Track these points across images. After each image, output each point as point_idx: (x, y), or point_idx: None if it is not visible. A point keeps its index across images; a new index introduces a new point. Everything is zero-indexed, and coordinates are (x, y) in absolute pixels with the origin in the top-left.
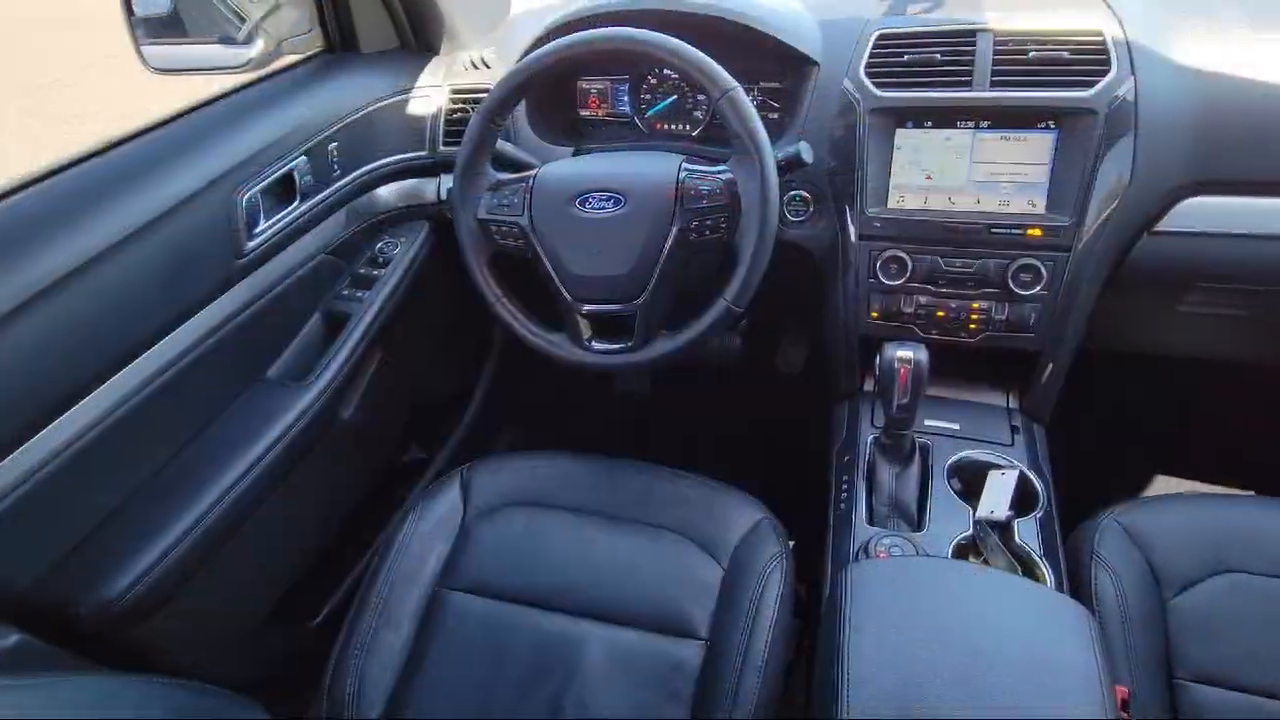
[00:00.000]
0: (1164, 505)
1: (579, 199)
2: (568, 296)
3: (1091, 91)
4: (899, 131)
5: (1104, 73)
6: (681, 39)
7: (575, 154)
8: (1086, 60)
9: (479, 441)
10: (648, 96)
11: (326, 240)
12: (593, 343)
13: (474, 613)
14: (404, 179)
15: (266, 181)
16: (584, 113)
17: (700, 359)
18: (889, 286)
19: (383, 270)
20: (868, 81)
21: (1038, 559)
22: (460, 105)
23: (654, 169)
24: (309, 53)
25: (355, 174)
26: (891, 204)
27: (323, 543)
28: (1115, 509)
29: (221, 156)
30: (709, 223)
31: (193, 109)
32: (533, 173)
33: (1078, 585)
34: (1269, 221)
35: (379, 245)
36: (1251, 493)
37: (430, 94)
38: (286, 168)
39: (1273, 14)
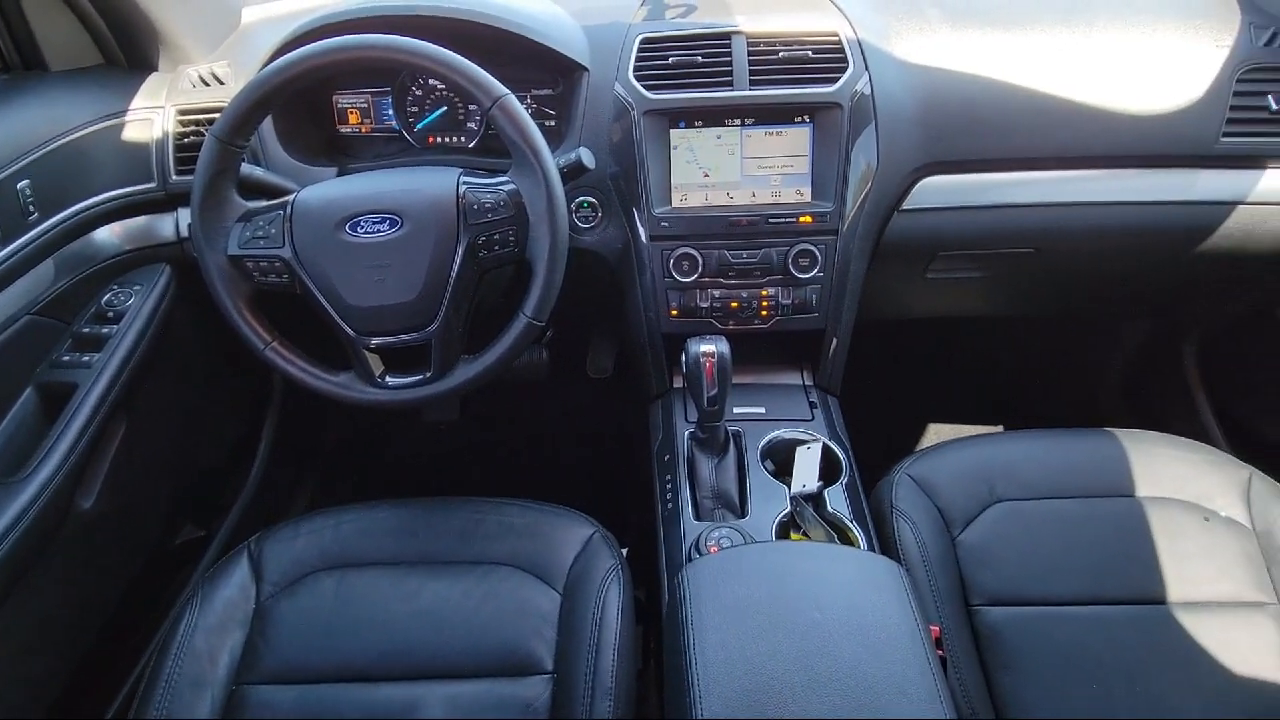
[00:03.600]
0: (941, 453)
1: (348, 223)
2: (350, 331)
3: (835, 87)
4: (673, 132)
5: (843, 70)
6: (443, 47)
7: (340, 175)
8: (827, 59)
9: (270, 505)
10: (415, 109)
11: (31, 298)
12: (386, 378)
13: (284, 705)
14: (130, 217)
15: None
16: (344, 129)
17: (507, 377)
18: (683, 283)
19: (115, 326)
20: (638, 85)
21: (849, 523)
22: (191, 128)
23: (430, 184)
24: None
25: (61, 216)
26: (675, 203)
27: (73, 664)
28: (903, 463)
29: None
30: (497, 237)
31: None
32: (290, 197)
33: (885, 539)
34: (987, 194)
35: (106, 298)
36: (1000, 428)
37: (151, 116)
38: None
39: (966, 13)
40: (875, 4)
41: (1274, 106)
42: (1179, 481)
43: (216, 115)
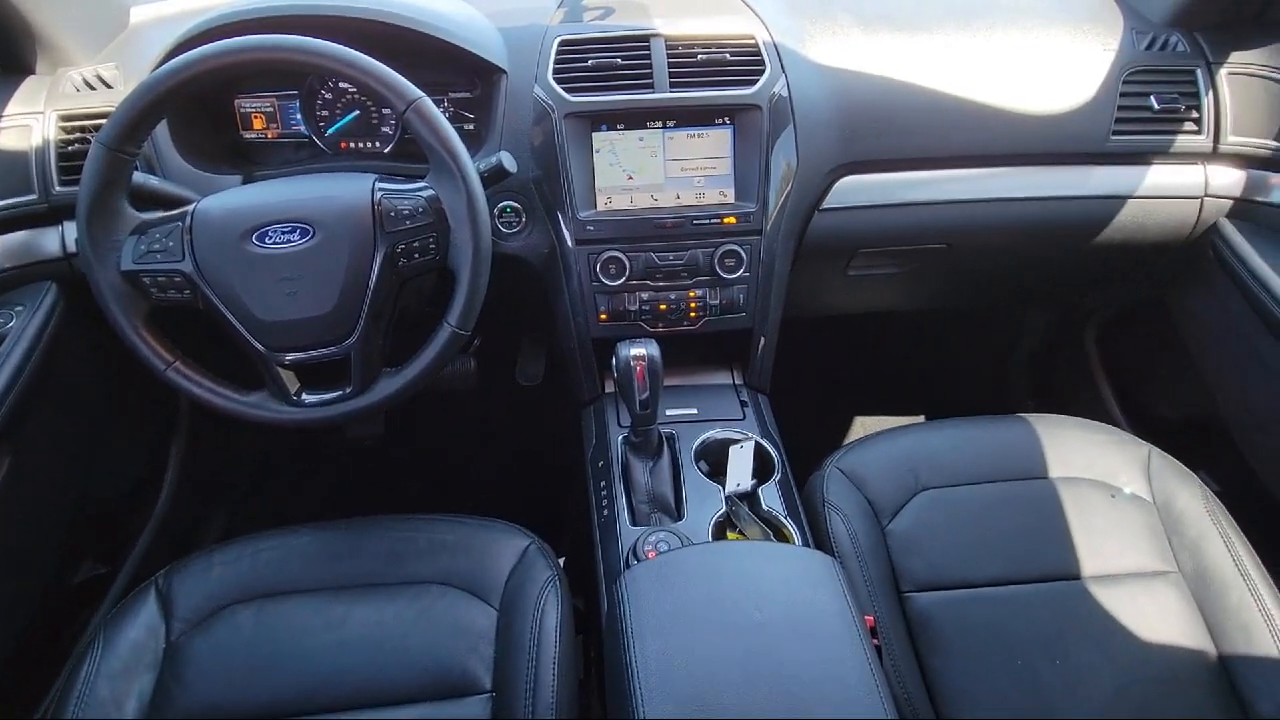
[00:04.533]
0: (868, 445)
1: (255, 233)
2: (261, 348)
3: (754, 89)
4: (595, 135)
5: (761, 72)
6: (354, 49)
7: (245, 183)
8: (745, 61)
9: (180, 537)
10: (325, 113)
11: None
12: (303, 395)
13: None
14: (8, 231)
15: None
16: (248, 135)
17: (434, 388)
18: (611, 287)
19: None
20: (558, 87)
21: (784, 520)
22: (75, 134)
23: (343, 191)
24: None
25: None
26: (600, 206)
27: None
28: (833, 456)
29: None
30: (416, 244)
31: None
32: (189, 207)
33: (818, 533)
34: (902, 192)
35: None
36: (922, 417)
37: (30, 123)
38: None
39: (874, 17)
40: (788, 8)
41: (1156, 106)
42: (1087, 461)
43: (103, 121)
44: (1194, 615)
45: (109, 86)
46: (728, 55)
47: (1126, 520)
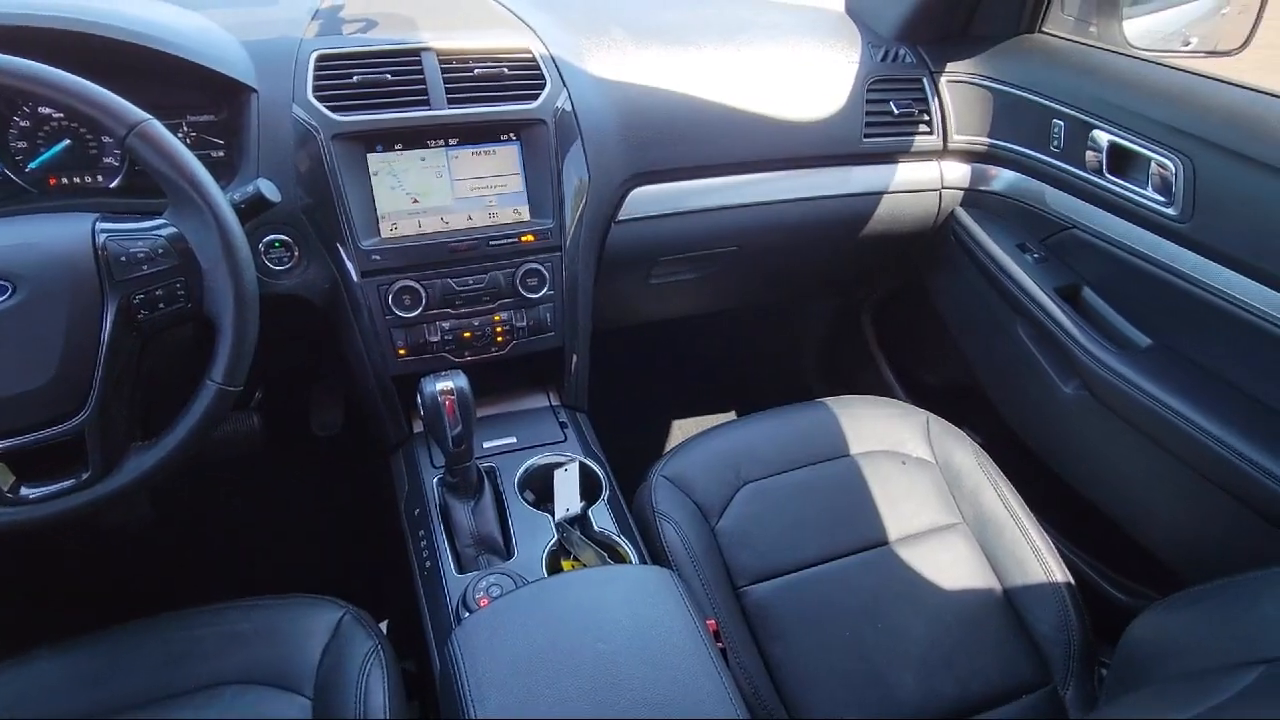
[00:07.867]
0: (689, 448)
1: None
2: None
3: (536, 104)
4: (371, 156)
5: (542, 86)
6: (58, 67)
7: None
8: (524, 75)
9: None
10: (22, 144)
11: None
12: (22, 490)
13: None
14: None
15: None
16: None
17: (210, 454)
18: (407, 319)
19: None
20: (321, 106)
21: (617, 538)
22: None
23: (52, 236)
24: None
25: None
26: (385, 233)
27: None
28: (658, 465)
29: None
30: (160, 292)
31: None
32: None
33: (652, 544)
34: (691, 200)
35: None
36: (734, 414)
37: None
38: None
39: (645, 32)
40: (560, 22)
41: (895, 111)
42: (879, 435)
43: None
44: (980, 558)
45: None
46: (505, 70)
47: (917, 483)
